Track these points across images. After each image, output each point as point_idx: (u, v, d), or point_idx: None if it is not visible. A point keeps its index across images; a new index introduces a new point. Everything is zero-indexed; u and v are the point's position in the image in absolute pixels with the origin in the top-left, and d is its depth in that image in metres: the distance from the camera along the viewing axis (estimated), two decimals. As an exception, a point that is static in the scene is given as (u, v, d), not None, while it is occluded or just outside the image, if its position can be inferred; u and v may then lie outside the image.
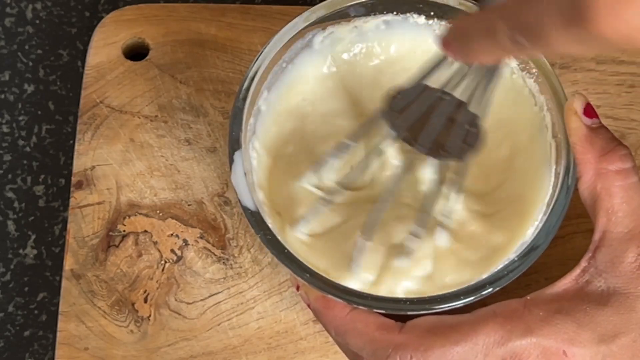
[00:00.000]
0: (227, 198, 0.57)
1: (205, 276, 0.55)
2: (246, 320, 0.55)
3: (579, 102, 0.47)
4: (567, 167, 0.48)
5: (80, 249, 0.56)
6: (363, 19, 0.53)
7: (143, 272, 0.55)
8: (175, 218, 0.56)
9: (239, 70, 0.59)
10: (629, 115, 0.58)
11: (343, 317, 0.47)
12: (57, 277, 0.60)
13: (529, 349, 0.43)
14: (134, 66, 0.59)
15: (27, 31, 0.65)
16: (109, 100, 0.58)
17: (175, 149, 0.58)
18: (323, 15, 0.52)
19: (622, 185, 0.45)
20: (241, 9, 0.60)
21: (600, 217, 0.45)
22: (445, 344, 0.43)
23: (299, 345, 0.54)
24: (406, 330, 0.45)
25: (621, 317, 0.43)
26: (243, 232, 0.56)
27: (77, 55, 0.64)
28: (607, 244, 0.45)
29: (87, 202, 0.56)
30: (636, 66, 0.59)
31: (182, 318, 0.55)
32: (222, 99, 0.58)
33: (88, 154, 0.57)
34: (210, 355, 0.54)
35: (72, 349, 0.54)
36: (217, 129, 0.58)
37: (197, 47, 0.59)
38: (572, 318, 0.43)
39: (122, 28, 0.60)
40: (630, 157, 0.46)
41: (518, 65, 0.52)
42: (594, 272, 0.45)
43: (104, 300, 0.55)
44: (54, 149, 0.63)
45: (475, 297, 0.47)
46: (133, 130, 0.58)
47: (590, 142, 0.46)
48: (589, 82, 0.58)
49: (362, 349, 0.46)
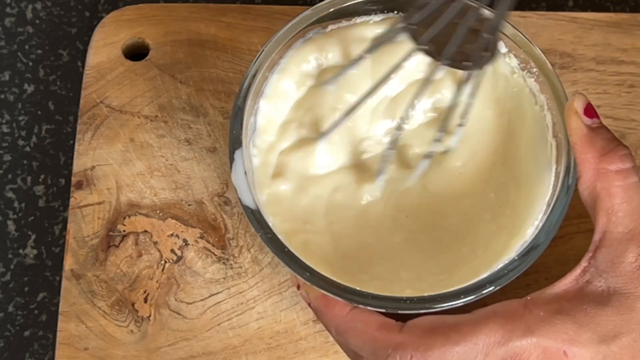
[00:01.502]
0: (227, 198, 0.57)
1: (205, 276, 0.55)
2: (246, 320, 0.55)
3: (580, 101, 0.47)
4: (568, 166, 0.49)
5: (80, 249, 0.56)
6: (364, 18, 0.53)
7: (143, 272, 0.55)
8: (175, 218, 0.56)
9: (239, 70, 0.59)
10: (629, 115, 0.58)
11: (343, 316, 0.47)
12: (57, 277, 0.60)
13: (529, 349, 0.43)
14: (134, 66, 0.59)
15: (27, 31, 0.65)
16: (109, 100, 0.58)
17: (175, 149, 0.58)
18: (324, 14, 0.52)
19: (622, 185, 0.45)
20: (241, 9, 0.60)
21: (600, 217, 0.45)
22: (445, 344, 0.43)
23: (299, 345, 0.54)
24: (406, 330, 0.45)
25: (621, 317, 0.43)
26: (243, 232, 0.56)
27: (77, 55, 0.64)
28: (607, 244, 0.45)
29: (87, 202, 0.56)
30: (636, 66, 0.59)
31: (182, 318, 0.55)
32: (222, 99, 0.58)
33: (88, 154, 0.57)
34: (210, 355, 0.54)
35: (72, 349, 0.54)
36: (217, 129, 0.58)
37: (197, 47, 0.59)
38: (572, 318, 0.43)
39: (122, 28, 0.60)
40: (631, 157, 0.46)
41: (519, 65, 0.52)
42: (594, 272, 0.45)
43: (104, 300, 0.55)
44: (54, 149, 0.63)
45: (475, 297, 0.47)
46: (133, 130, 0.58)
47: (590, 142, 0.46)
48: (589, 82, 0.58)
49: (362, 348, 0.46)
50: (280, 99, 0.53)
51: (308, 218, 0.51)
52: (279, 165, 0.52)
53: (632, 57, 0.59)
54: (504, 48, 0.52)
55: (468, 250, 0.51)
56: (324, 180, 0.52)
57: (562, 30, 0.60)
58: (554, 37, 0.59)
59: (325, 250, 0.50)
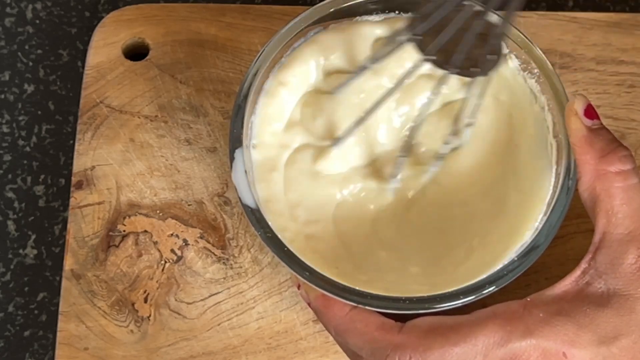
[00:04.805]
0: (227, 198, 0.57)
1: (205, 276, 0.55)
2: (246, 320, 0.55)
3: (580, 103, 0.47)
4: (568, 167, 0.48)
5: (80, 249, 0.56)
6: (365, 17, 0.53)
7: (143, 272, 0.55)
8: (175, 218, 0.56)
9: (239, 70, 0.59)
10: (629, 115, 0.58)
11: (343, 317, 0.47)
12: (57, 277, 0.60)
13: (529, 351, 0.43)
14: (134, 66, 0.59)
15: (27, 31, 0.65)
16: (109, 100, 0.58)
17: (175, 149, 0.58)
18: (325, 14, 0.52)
19: (621, 186, 0.45)
20: (241, 9, 0.60)
21: (600, 219, 0.45)
22: (445, 345, 0.43)
23: (299, 345, 0.54)
24: (405, 331, 0.45)
25: (621, 318, 0.43)
26: (243, 232, 0.56)
27: (77, 55, 0.64)
28: (607, 246, 0.45)
29: (87, 202, 0.56)
30: (636, 66, 0.59)
31: (182, 318, 0.55)
32: (222, 99, 0.58)
33: (88, 154, 0.57)
34: (210, 355, 0.54)
35: (72, 349, 0.54)
36: (217, 129, 0.58)
37: (197, 47, 0.59)
38: (572, 319, 0.43)
39: (122, 28, 0.60)
40: (631, 158, 0.46)
41: (519, 66, 0.52)
42: (594, 273, 0.45)
43: (104, 300, 0.55)
44: (54, 149, 0.63)
45: (475, 297, 0.47)
46: (133, 130, 0.58)
47: (590, 143, 0.46)
48: (589, 82, 0.58)
49: (362, 348, 0.46)
50: (281, 99, 0.53)
51: (309, 218, 0.51)
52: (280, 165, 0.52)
53: (632, 57, 0.59)
54: (505, 49, 0.52)
55: (468, 250, 0.50)
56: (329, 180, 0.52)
57: (562, 30, 0.60)
58: (554, 37, 0.59)
59: (326, 249, 0.50)
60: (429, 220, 0.52)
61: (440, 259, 0.51)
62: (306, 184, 0.52)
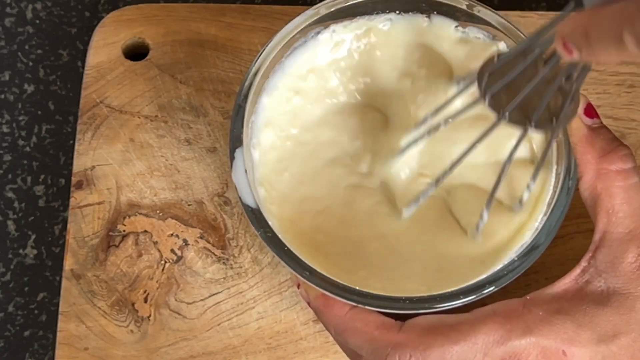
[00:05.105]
0: (227, 198, 0.57)
1: (205, 276, 0.55)
2: (246, 320, 0.55)
3: (580, 102, 0.47)
4: (568, 167, 0.48)
5: (80, 249, 0.56)
6: (366, 17, 0.53)
7: (143, 272, 0.55)
8: (175, 218, 0.56)
9: (239, 70, 0.59)
10: (629, 115, 0.58)
11: (343, 316, 0.47)
12: (57, 277, 0.60)
13: (529, 349, 0.43)
14: (134, 66, 0.59)
15: (27, 31, 0.65)
16: (109, 100, 0.58)
17: (175, 149, 0.58)
18: (325, 14, 0.52)
19: (622, 185, 0.45)
20: (241, 9, 0.60)
21: (600, 218, 0.45)
22: (445, 344, 0.43)
23: (299, 345, 0.54)
24: (405, 330, 0.45)
25: (621, 317, 0.43)
26: (243, 232, 0.56)
27: (77, 55, 0.64)
28: (607, 245, 0.45)
29: (87, 202, 0.56)
30: (636, 66, 0.59)
31: (182, 318, 0.55)
32: (222, 99, 0.58)
33: (88, 154, 0.57)
34: (210, 355, 0.54)
35: (72, 349, 0.54)
36: (217, 129, 0.58)
37: (197, 47, 0.59)
38: (571, 318, 0.43)
39: (122, 28, 0.60)
40: (631, 157, 0.46)
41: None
42: (593, 272, 0.45)
43: (104, 300, 0.55)
44: (54, 149, 0.63)
45: (475, 297, 0.46)
46: (133, 130, 0.58)
47: (591, 142, 0.46)
48: (589, 82, 0.58)
49: (362, 347, 0.46)
50: (281, 99, 0.53)
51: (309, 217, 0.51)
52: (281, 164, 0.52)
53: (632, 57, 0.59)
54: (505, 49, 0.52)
55: (468, 250, 0.50)
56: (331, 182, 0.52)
57: (562, 30, 0.59)
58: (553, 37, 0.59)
59: (326, 249, 0.50)
60: (429, 219, 0.52)
61: (439, 258, 0.51)
62: (306, 184, 0.52)
